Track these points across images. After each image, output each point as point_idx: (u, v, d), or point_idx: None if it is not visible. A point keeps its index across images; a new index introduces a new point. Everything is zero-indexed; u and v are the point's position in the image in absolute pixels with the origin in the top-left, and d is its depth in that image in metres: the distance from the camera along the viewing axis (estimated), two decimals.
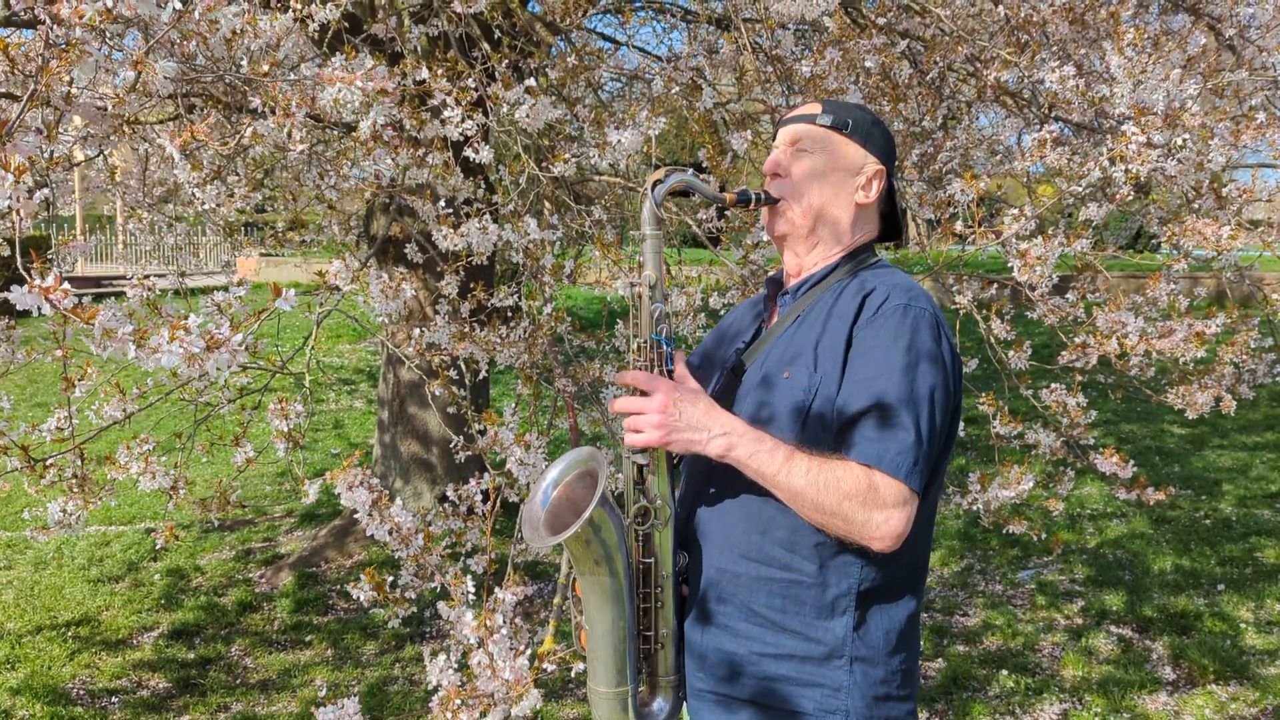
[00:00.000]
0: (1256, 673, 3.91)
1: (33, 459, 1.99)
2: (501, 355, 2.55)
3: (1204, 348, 2.85)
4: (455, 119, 2.49)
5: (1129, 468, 3.00)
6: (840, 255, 1.63)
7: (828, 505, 1.37)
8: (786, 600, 1.48)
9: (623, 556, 1.51)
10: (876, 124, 1.65)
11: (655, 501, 1.52)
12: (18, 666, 4.22)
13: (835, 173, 1.61)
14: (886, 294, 1.49)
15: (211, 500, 2.44)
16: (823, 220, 1.61)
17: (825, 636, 1.47)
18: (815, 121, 1.62)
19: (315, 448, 7.73)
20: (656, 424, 1.44)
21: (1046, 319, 3.06)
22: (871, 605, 1.48)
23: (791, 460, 1.39)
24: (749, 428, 1.44)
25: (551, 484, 1.57)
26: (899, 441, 1.38)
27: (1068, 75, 2.93)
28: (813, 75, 2.76)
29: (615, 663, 1.53)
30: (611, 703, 1.54)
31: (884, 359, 1.42)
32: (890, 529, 1.37)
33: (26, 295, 1.25)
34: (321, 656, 4.32)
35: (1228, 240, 2.55)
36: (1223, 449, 7.50)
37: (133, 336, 1.22)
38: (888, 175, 1.64)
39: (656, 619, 1.55)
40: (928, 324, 1.45)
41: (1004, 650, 4.20)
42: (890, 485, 1.37)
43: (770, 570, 1.49)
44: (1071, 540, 5.51)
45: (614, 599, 1.51)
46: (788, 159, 1.63)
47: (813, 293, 1.60)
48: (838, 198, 1.61)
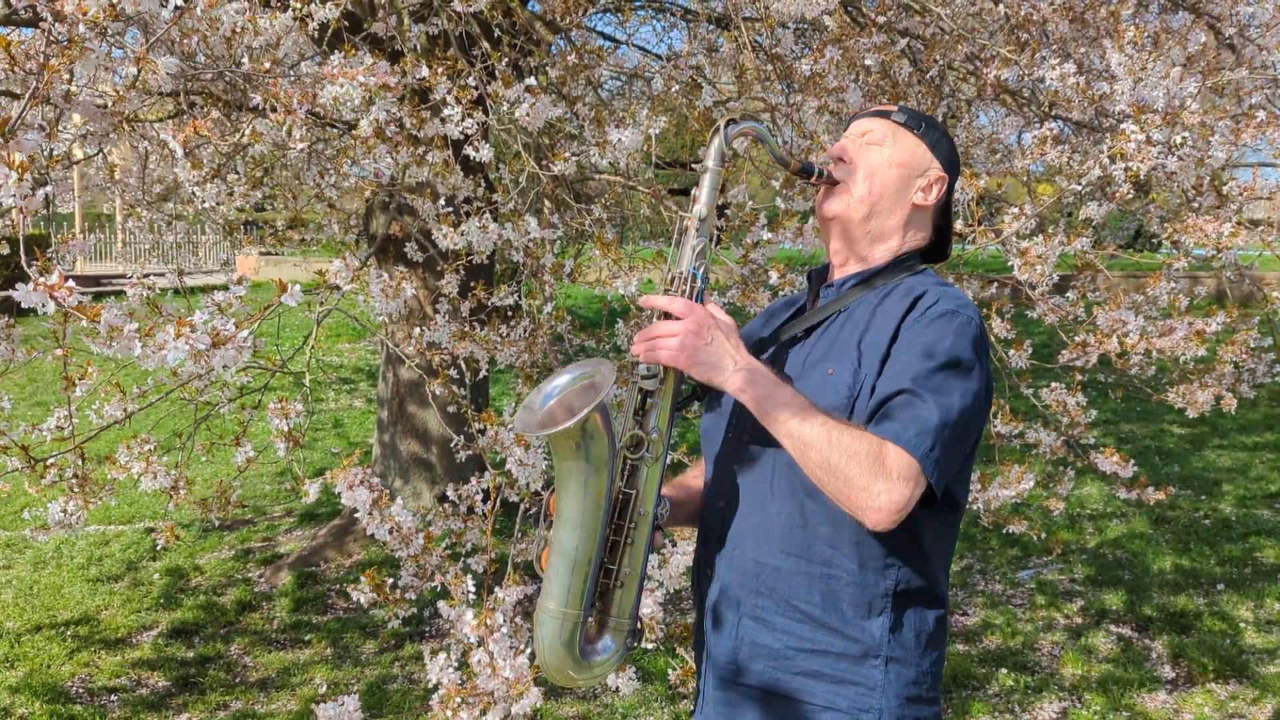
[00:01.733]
0: (1256, 671, 3.91)
1: (33, 459, 1.99)
2: (501, 354, 2.55)
3: (1204, 346, 2.85)
4: (455, 117, 2.49)
5: (1129, 467, 3.00)
6: (890, 256, 1.61)
7: (833, 461, 1.35)
8: (826, 597, 1.47)
9: (606, 477, 1.47)
10: (946, 136, 1.65)
11: (651, 434, 1.48)
12: (17, 665, 4.21)
13: (900, 168, 1.59)
14: (937, 298, 1.48)
15: (212, 500, 2.44)
16: (878, 211, 1.60)
17: (863, 635, 1.47)
18: (890, 118, 1.63)
19: (315, 447, 7.73)
20: (683, 344, 1.40)
21: (1046, 318, 3.06)
22: (907, 607, 1.48)
23: (807, 412, 1.37)
24: (770, 371, 1.42)
25: (558, 388, 1.52)
26: (920, 423, 1.36)
27: (1068, 73, 2.93)
28: (813, 74, 2.76)
29: (571, 583, 1.49)
30: (557, 622, 1.50)
31: (922, 354, 1.42)
32: (890, 500, 1.33)
33: (32, 293, 1.25)
34: (321, 655, 4.32)
35: (1228, 238, 2.55)
36: (1222, 449, 7.50)
37: (138, 333, 1.22)
38: (948, 186, 1.63)
39: (623, 555, 1.52)
40: (972, 334, 1.45)
41: (1003, 649, 4.20)
42: (901, 457, 1.34)
43: (812, 566, 1.48)
44: (1071, 540, 5.52)
45: (585, 517, 1.47)
46: (855, 147, 1.63)
47: (858, 289, 1.59)
48: (897, 193, 1.60)
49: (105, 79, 1.74)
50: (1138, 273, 11.36)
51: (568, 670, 1.53)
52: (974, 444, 1.49)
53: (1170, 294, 3.21)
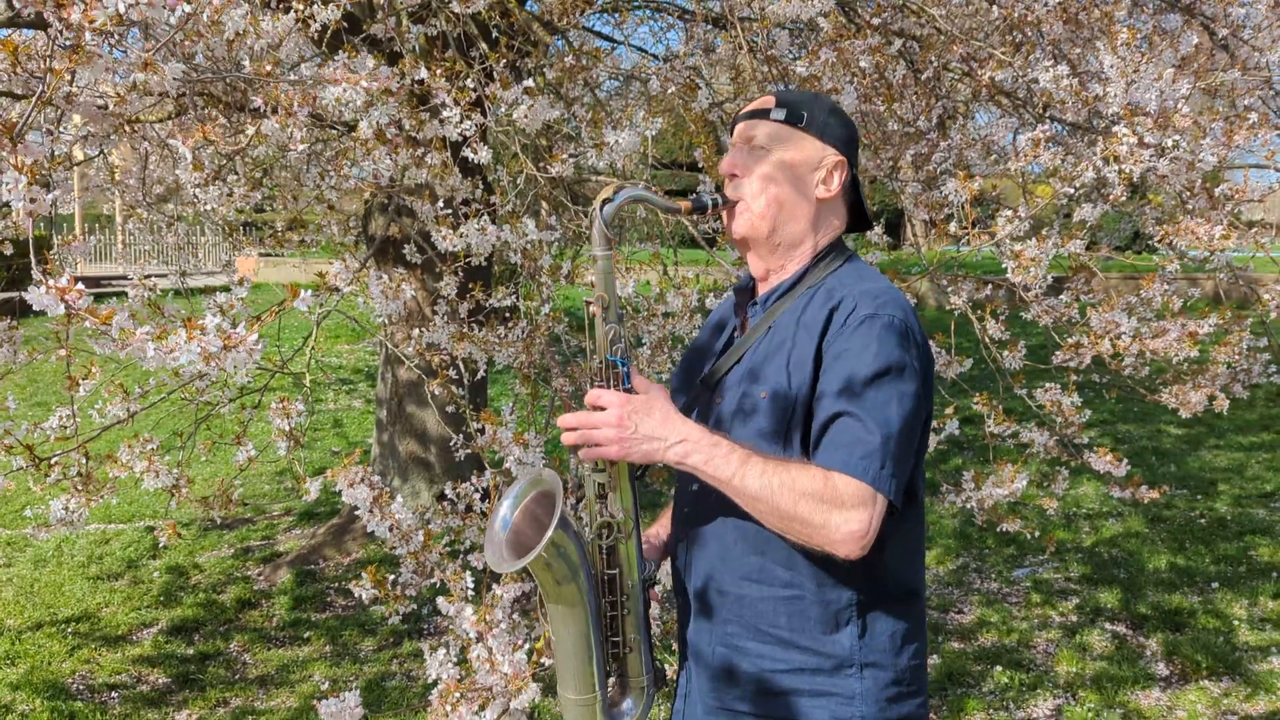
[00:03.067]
0: (1249, 669, 3.94)
1: (38, 458, 2.01)
2: (499, 355, 2.57)
3: (1196, 347, 2.87)
4: (454, 119, 2.51)
5: (1123, 466, 3.02)
6: (808, 259, 1.59)
7: (784, 507, 1.36)
8: (791, 617, 1.49)
9: (585, 572, 1.53)
10: (834, 112, 1.60)
11: (617, 516, 1.53)
12: (18, 662, 4.24)
13: (793, 169, 1.56)
14: (854, 304, 1.46)
15: (214, 498, 2.46)
16: (783, 219, 1.57)
17: (833, 649, 1.48)
18: (769, 117, 1.58)
19: (315, 446, 7.75)
20: (613, 437, 1.43)
21: (1041, 319, 3.09)
22: (874, 611, 1.49)
23: (747, 464, 1.39)
24: (705, 433, 1.43)
25: (510, 508, 1.58)
26: (863, 446, 1.37)
27: (1061, 74, 2.96)
28: (809, 75, 2.78)
29: (582, 672, 1.57)
30: (581, 709, 1.59)
31: (851, 371, 1.41)
32: (850, 530, 1.35)
33: (44, 296, 1.28)
34: (320, 652, 4.34)
35: (1220, 240, 2.57)
36: (1219, 449, 7.53)
37: (151, 336, 1.24)
38: (850, 165, 1.60)
39: (624, 625, 1.58)
40: (895, 331, 1.43)
41: (999, 647, 4.23)
42: (850, 485, 1.36)
43: (773, 589, 1.50)
44: (1067, 539, 5.54)
45: (578, 613, 1.54)
46: (744, 158, 1.59)
47: (782, 302, 1.58)
48: (798, 194, 1.57)
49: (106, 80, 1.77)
50: (1134, 275, 11.38)
51: None
52: (924, 434, 1.50)
53: (1164, 295, 3.23)
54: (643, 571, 1.58)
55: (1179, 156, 2.59)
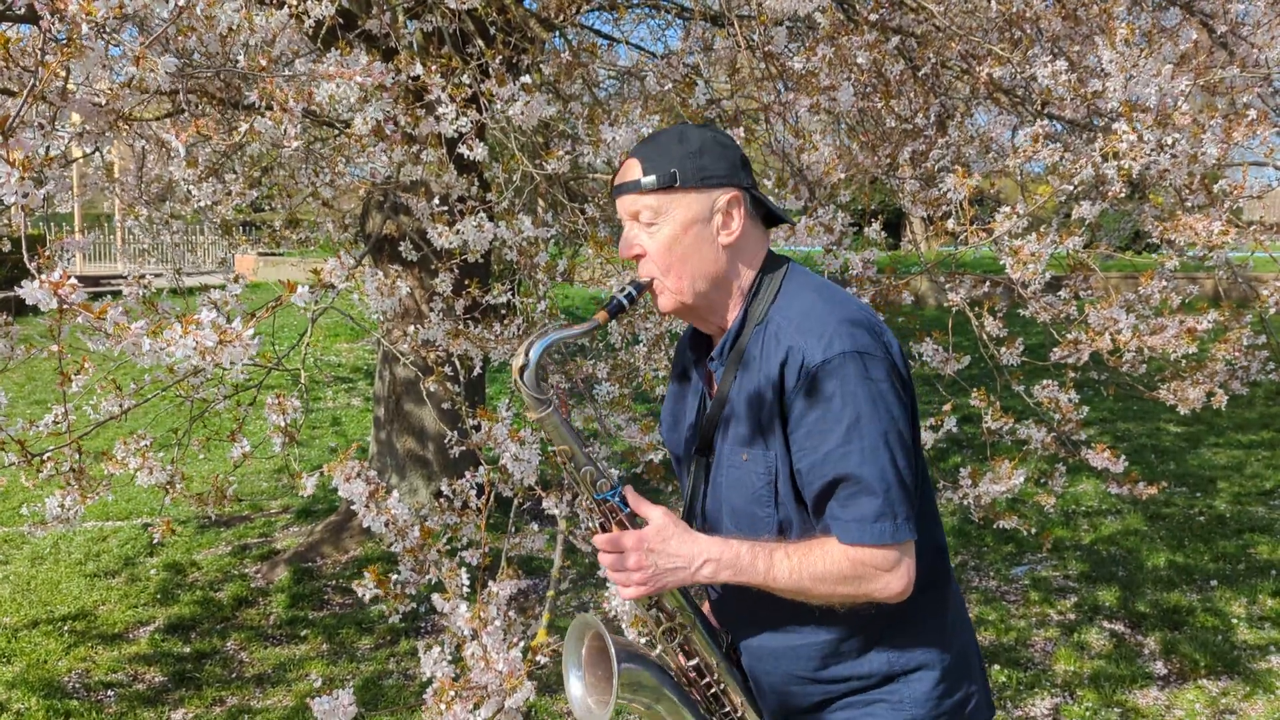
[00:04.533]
0: (1248, 667, 3.93)
1: (30, 453, 2.01)
2: (495, 352, 2.56)
3: (1195, 344, 2.87)
4: (450, 115, 2.50)
5: (1120, 463, 3.02)
6: (741, 302, 1.56)
7: (823, 593, 1.43)
8: (826, 658, 1.53)
9: (669, 681, 1.57)
10: (703, 150, 1.53)
11: (675, 617, 1.56)
12: (14, 660, 4.23)
13: (689, 230, 1.51)
14: (801, 355, 1.43)
15: (208, 495, 2.45)
16: (701, 282, 1.53)
17: (873, 669, 1.52)
18: (641, 188, 1.52)
19: (313, 445, 7.74)
20: (637, 579, 1.46)
21: (1039, 316, 3.08)
22: (905, 625, 1.52)
23: (772, 564, 1.43)
24: (724, 544, 1.45)
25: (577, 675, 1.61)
26: (870, 509, 1.39)
27: (1060, 70, 2.95)
28: (806, 71, 2.77)
29: None
30: None
31: (824, 431, 1.41)
32: (892, 591, 1.42)
33: (37, 290, 1.27)
34: (317, 651, 4.33)
35: (1218, 236, 2.57)
36: (1218, 447, 7.52)
37: (146, 330, 1.23)
38: (744, 189, 1.55)
39: (727, 695, 1.61)
40: (852, 370, 1.41)
41: (997, 645, 4.22)
42: (875, 555, 1.40)
43: (803, 635, 1.53)
44: (1066, 537, 5.54)
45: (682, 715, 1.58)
46: (639, 236, 1.54)
47: (737, 349, 1.55)
48: (705, 251, 1.52)
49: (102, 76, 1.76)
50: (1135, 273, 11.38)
51: None
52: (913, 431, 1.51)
53: (1162, 292, 3.23)
54: (720, 646, 1.61)
55: (1180, 152, 2.58)
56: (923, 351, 3.40)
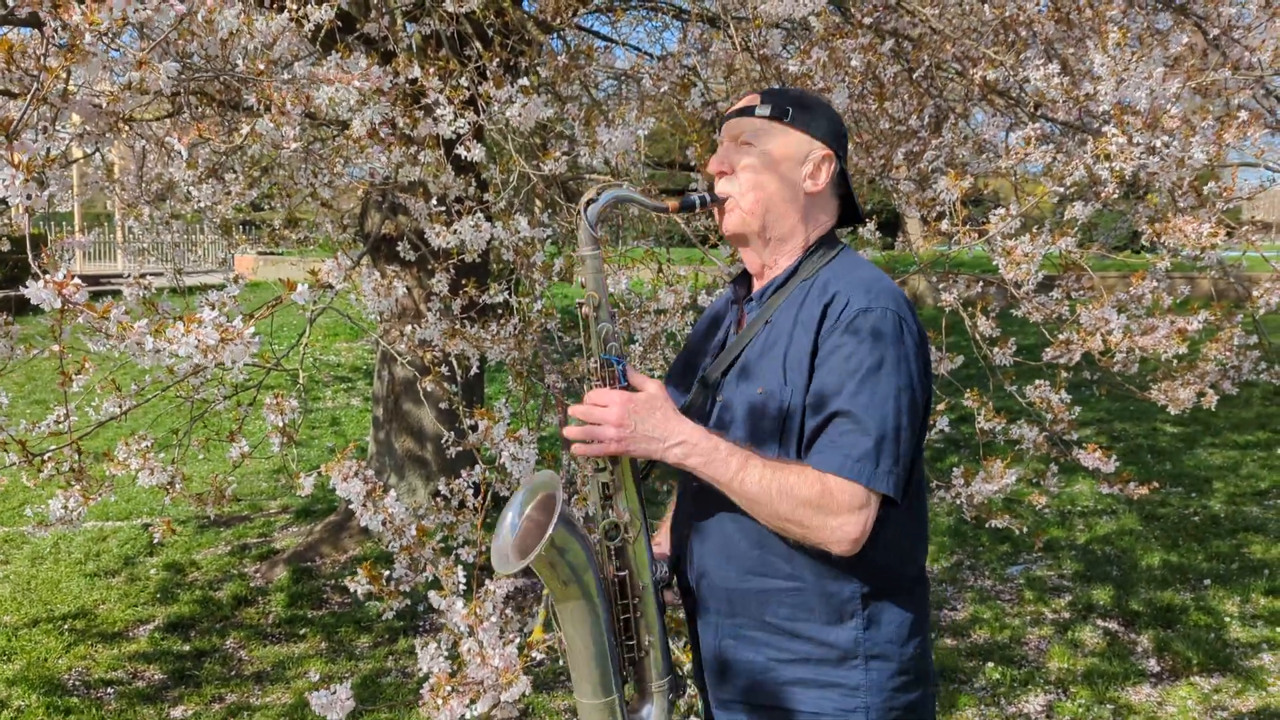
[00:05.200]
0: (1240, 665, 3.96)
1: (30, 453, 2.03)
2: (492, 352, 2.59)
3: (1185, 344, 2.89)
4: (447, 117, 2.52)
5: (1111, 463, 3.04)
6: (800, 253, 1.61)
7: (782, 511, 1.41)
8: (794, 609, 1.51)
9: (594, 573, 1.54)
10: (819, 107, 1.63)
11: (624, 516, 1.55)
12: (14, 658, 4.25)
13: (780, 164, 1.58)
14: (847, 299, 1.48)
15: (208, 495, 2.48)
16: (773, 214, 1.59)
17: (838, 640, 1.50)
18: (755, 114, 1.60)
19: (312, 445, 7.77)
20: (614, 435, 1.46)
21: (1032, 316, 3.11)
22: (880, 601, 1.51)
23: (745, 468, 1.42)
24: (706, 435, 1.46)
25: (516, 514, 1.59)
26: (858, 448, 1.40)
27: (1052, 73, 2.97)
28: (801, 74, 2.80)
29: (597, 675, 1.57)
30: (599, 713, 1.58)
31: (845, 368, 1.43)
32: (846, 534, 1.40)
33: (41, 290, 1.29)
34: (315, 649, 4.36)
35: (1208, 238, 2.59)
36: (1214, 447, 7.55)
37: (149, 329, 1.26)
38: (838, 158, 1.62)
39: (639, 628, 1.58)
40: (889, 324, 1.45)
41: (991, 643, 4.25)
42: (845, 489, 1.39)
43: (775, 582, 1.52)
44: (1061, 536, 5.56)
45: (588, 615, 1.54)
46: (731, 155, 1.61)
47: (777, 296, 1.59)
48: (786, 189, 1.58)
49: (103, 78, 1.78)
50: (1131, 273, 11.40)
51: None
52: (924, 420, 1.51)
53: (1154, 292, 3.25)
54: (654, 573, 1.59)
55: (1169, 155, 2.61)
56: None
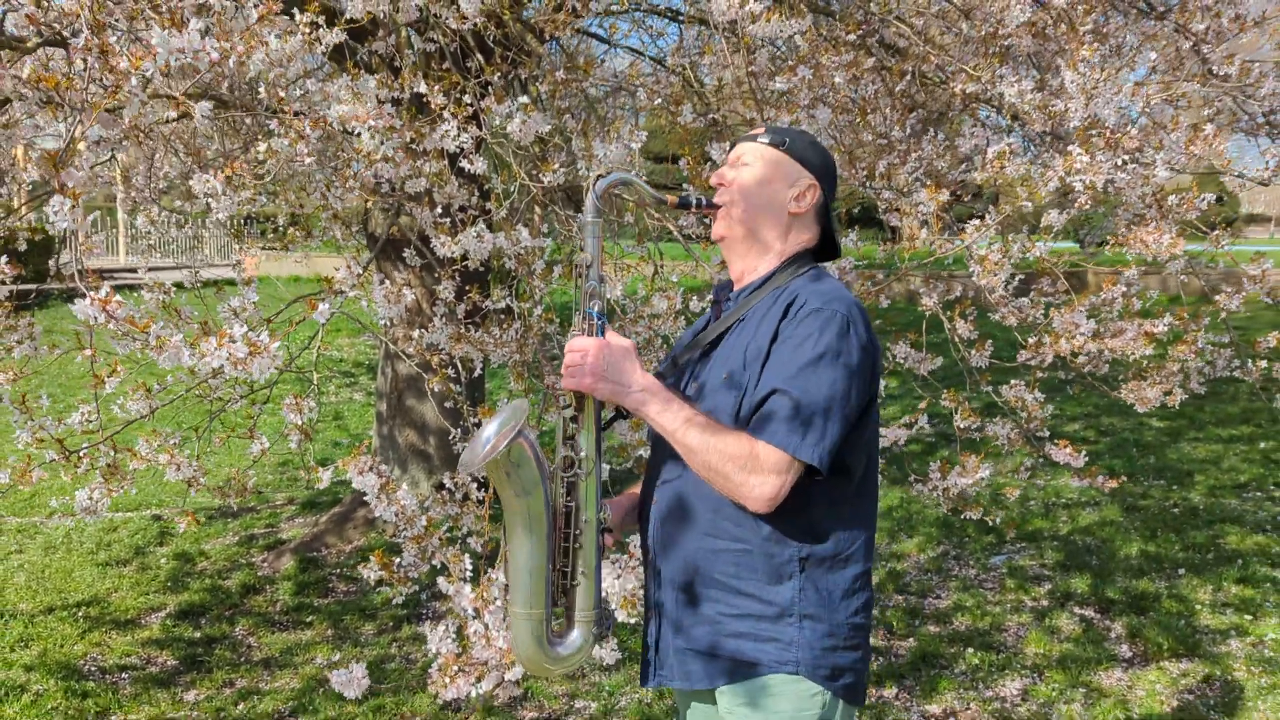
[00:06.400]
0: (1208, 650, 4.13)
1: (68, 450, 2.19)
2: (495, 354, 2.74)
3: (1151, 346, 3.05)
4: (451, 133, 2.68)
5: (1081, 458, 3.21)
6: (776, 262, 1.83)
7: (713, 464, 1.62)
8: (740, 568, 1.70)
9: (543, 494, 1.73)
10: (814, 146, 1.86)
11: (580, 453, 1.74)
12: (31, 645, 4.41)
13: (771, 183, 1.82)
14: (806, 299, 1.69)
15: (229, 487, 2.63)
16: (758, 224, 1.82)
17: (775, 598, 1.69)
18: (757, 140, 1.85)
19: (316, 438, 7.88)
20: (588, 369, 1.68)
21: (1007, 320, 3.27)
22: (816, 569, 1.70)
23: (691, 422, 1.64)
24: (664, 389, 1.69)
25: (494, 431, 1.78)
26: (788, 422, 1.60)
27: (1026, 90, 3.13)
28: (788, 90, 2.95)
29: (530, 587, 1.75)
30: (525, 623, 1.76)
31: (791, 355, 1.64)
32: (763, 493, 1.61)
33: (87, 307, 1.45)
34: (322, 636, 4.52)
35: (1167, 248, 2.75)
36: (1198, 441, 7.72)
37: (185, 343, 1.41)
38: (822, 190, 1.84)
39: (575, 558, 1.78)
40: (836, 324, 1.65)
41: (972, 630, 4.42)
42: (770, 454, 1.60)
43: (724, 543, 1.71)
44: (1045, 527, 5.73)
45: (530, 530, 1.73)
46: (731, 172, 1.85)
47: (752, 298, 1.81)
48: (772, 205, 1.82)
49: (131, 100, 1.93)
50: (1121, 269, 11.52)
51: (542, 662, 1.79)
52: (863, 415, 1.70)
53: (1125, 296, 3.41)
54: (599, 512, 1.78)
55: (1135, 169, 2.76)
56: (896, 353, 3.59)
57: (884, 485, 6.35)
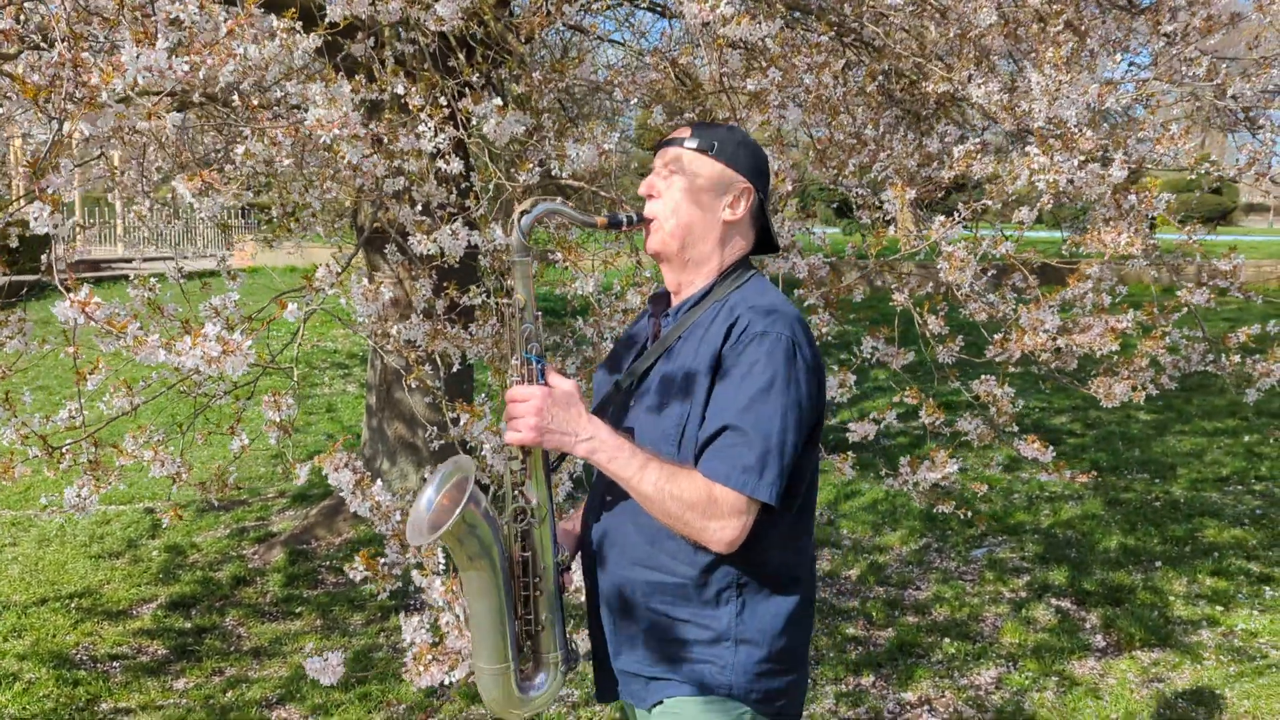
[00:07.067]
0: (1180, 640, 4.21)
1: (51, 447, 2.25)
2: (471, 350, 2.81)
3: (1118, 342, 3.12)
4: (428, 134, 2.73)
5: (1049, 453, 3.27)
6: (714, 275, 1.78)
7: (672, 511, 1.59)
8: (678, 597, 1.69)
9: (499, 551, 1.70)
10: (743, 145, 1.79)
11: (532, 502, 1.71)
12: (24, 635, 4.49)
13: (702, 192, 1.75)
14: (748, 321, 1.65)
15: (210, 483, 2.70)
16: (692, 237, 1.76)
17: (712, 623, 1.67)
18: (684, 145, 1.77)
19: (309, 430, 7.99)
20: (532, 425, 1.62)
21: (976, 316, 3.33)
22: (753, 595, 1.68)
23: (645, 468, 1.59)
24: (613, 434, 1.63)
25: (434, 491, 1.74)
26: (743, 460, 1.57)
27: (992, 91, 3.19)
28: (757, 92, 3.01)
29: (495, 643, 1.73)
30: (493, 678, 1.75)
31: (739, 385, 1.60)
32: (724, 536, 1.58)
33: (67, 309, 1.51)
34: (310, 626, 4.60)
35: (1125, 247, 2.81)
36: (1184, 434, 7.79)
37: (160, 343, 1.48)
38: (756, 192, 1.78)
39: (537, 605, 1.75)
40: (782, 348, 1.61)
41: (950, 620, 4.50)
42: (728, 496, 1.57)
43: (660, 575, 1.70)
44: (1027, 520, 5.80)
45: (490, 589, 1.70)
46: (659, 181, 1.78)
47: (691, 314, 1.75)
48: (705, 215, 1.75)
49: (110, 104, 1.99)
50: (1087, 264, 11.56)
51: (512, 709, 1.78)
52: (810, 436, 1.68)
53: (1095, 291, 3.48)
54: (556, 555, 1.75)
55: (1092, 169, 2.82)
56: (876, 346, 3.65)
57: (868, 479, 6.43)
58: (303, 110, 2.59)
